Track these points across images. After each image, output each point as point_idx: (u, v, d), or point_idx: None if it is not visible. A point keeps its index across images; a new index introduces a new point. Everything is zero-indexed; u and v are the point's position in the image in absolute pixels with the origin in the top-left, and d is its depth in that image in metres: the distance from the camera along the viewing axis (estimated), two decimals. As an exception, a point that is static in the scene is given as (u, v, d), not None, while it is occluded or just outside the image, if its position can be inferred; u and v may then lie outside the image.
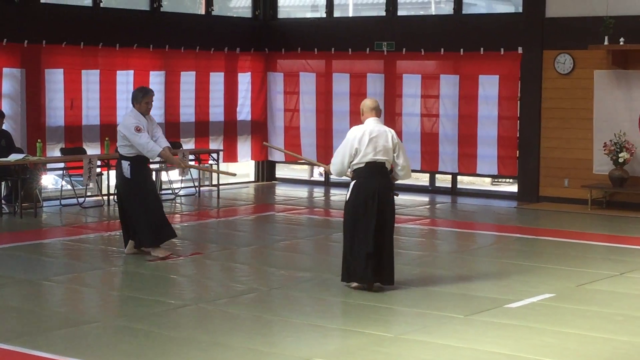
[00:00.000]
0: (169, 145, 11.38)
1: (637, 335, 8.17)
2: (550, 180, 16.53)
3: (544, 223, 14.71)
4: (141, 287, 10.19)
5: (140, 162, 11.19)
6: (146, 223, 11.17)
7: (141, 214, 11.16)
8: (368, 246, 9.53)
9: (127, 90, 16.97)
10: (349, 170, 9.75)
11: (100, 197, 16.06)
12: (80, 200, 15.73)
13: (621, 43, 15.28)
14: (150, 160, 11.54)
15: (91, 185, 15.91)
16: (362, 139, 9.58)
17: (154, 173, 16.70)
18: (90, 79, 16.56)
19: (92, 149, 16.34)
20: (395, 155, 9.65)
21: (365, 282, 9.68)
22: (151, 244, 11.24)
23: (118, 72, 16.90)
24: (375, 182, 9.56)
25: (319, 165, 10.75)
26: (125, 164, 11.13)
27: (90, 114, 16.59)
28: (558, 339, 7.99)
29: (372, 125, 9.69)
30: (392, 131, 9.75)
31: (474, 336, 8.06)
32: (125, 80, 17.00)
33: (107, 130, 16.59)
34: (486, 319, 8.66)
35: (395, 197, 9.73)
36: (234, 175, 13.89)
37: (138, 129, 10.94)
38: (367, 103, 9.85)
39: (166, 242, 11.49)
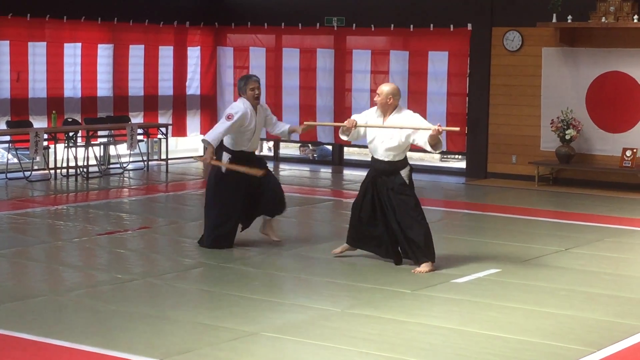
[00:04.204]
0: (294, 129, 10.63)
1: (581, 309, 8.27)
2: (498, 156, 16.64)
3: (491, 199, 14.82)
4: (88, 261, 10.14)
5: (240, 160, 10.33)
6: (211, 225, 10.44)
7: (211, 214, 10.42)
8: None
9: (75, 63, 16.82)
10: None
11: (47, 171, 15.91)
12: (27, 173, 15.58)
13: (569, 21, 15.38)
14: (257, 160, 10.65)
15: (38, 158, 15.75)
16: None
17: (102, 147, 16.71)
18: (37, 52, 16.35)
19: (39, 122, 16.15)
20: None
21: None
22: (205, 245, 10.48)
23: (65, 44, 16.71)
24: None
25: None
26: (226, 157, 10.35)
27: (37, 86, 16.39)
28: (503, 314, 8.07)
29: None
30: None
31: (421, 311, 8.12)
32: (72, 53, 16.81)
33: (54, 104, 16.43)
34: (433, 293, 8.72)
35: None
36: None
37: (229, 117, 10.13)
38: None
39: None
